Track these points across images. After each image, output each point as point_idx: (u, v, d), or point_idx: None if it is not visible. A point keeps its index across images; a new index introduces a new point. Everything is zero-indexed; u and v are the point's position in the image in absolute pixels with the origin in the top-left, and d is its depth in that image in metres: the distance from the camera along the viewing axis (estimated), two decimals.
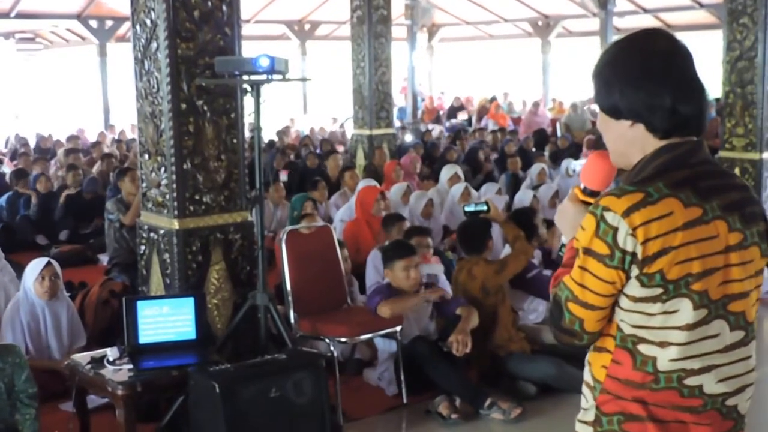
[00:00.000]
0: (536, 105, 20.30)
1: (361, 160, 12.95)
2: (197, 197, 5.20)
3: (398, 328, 5.37)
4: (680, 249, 1.94)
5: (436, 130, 19.00)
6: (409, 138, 17.18)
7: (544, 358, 5.54)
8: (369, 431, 5.26)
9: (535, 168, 11.18)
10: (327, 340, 5.27)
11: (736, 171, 8.86)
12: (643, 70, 2.04)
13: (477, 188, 10.10)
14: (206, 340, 4.93)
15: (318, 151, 15.10)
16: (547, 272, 6.26)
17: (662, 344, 1.99)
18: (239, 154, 5.37)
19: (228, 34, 5.28)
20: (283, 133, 17.71)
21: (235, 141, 5.33)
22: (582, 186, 2.24)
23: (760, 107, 8.63)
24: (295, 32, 23.63)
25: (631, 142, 2.08)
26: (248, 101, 5.05)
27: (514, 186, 11.72)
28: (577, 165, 11.50)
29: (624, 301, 2.01)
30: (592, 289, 2.01)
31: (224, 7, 5.24)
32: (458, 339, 5.25)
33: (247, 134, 6.68)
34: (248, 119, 5.27)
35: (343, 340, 5.32)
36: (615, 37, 18.24)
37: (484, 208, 5.63)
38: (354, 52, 13.00)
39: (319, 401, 4.50)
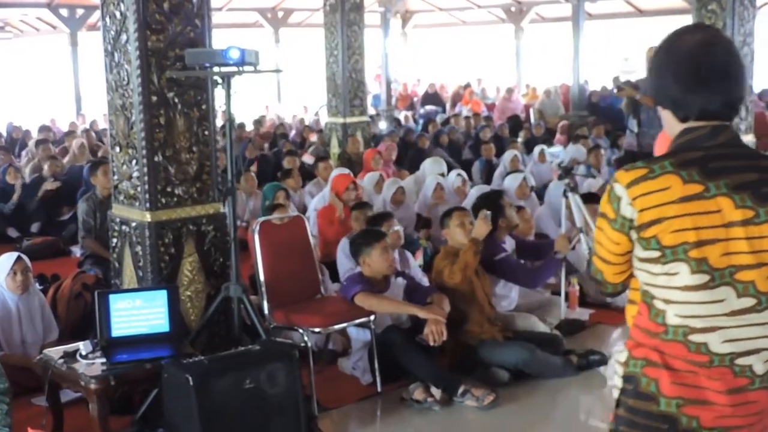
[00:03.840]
0: (510, 91, 20.33)
1: (335, 148, 12.96)
2: (169, 189, 5.20)
3: (372, 318, 5.39)
4: (674, 219, 2.21)
5: (402, 116, 19.00)
6: (383, 125, 17.20)
7: (517, 344, 5.58)
8: (344, 420, 5.29)
9: (508, 154, 11.21)
10: (301, 331, 5.28)
11: None
12: (663, 63, 2.34)
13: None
14: (180, 333, 4.94)
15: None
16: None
17: (667, 301, 2.27)
18: (211, 146, 5.37)
19: (198, 26, 5.27)
20: (259, 122, 17.66)
21: (206, 133, 5.33)
22: None
23: None
24: (268, 20, 23.53)
25: (666, 123, 2.40)
26: (219, 93, 5.04)
27: (488, 172, 11.77)
28: (554, 151, 11.55)
29: (634, 261, 2.33)
30: (605, 246, 2.37)
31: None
32: (433, 330, 5.28)
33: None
34: (220, 111, 5.26)
35: (317, 330, 5.33)
36: (586, 23, 18.46)
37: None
38: (327, 39, 13.00)
39: (294, 392, 4.52)
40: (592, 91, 19.04)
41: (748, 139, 9.06)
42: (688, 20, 9.19)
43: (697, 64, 2.27)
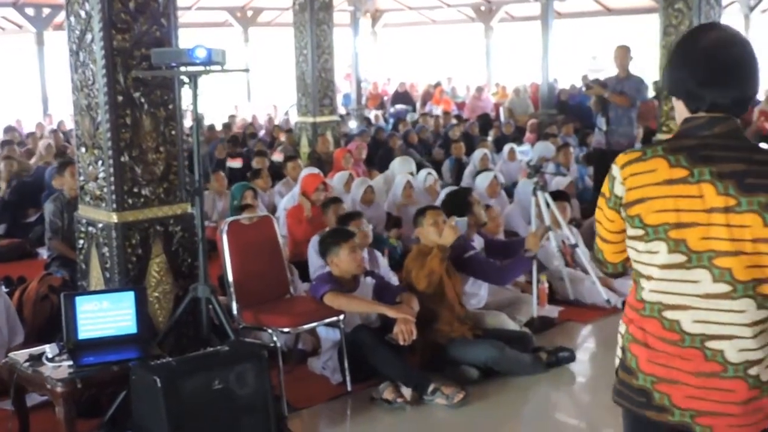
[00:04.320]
0: (480, 90, 20.41)
1: (305, 148, 12.94)
2: (136, 190, 5.16)
3: (341, 317, 5.38)
4: (657, 200, 2.38)
5: (372, 115, 19.00)
6: (353, 124, 17.19)
7: (486, 342, 5.59)
8: (314, 420, 5.28)
9: (478, 153, 11.24)
10: (270, 331, 5.26)
11: None
12: (678, 58, 2.48)
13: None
14: (147, 334, 4.90)
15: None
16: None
17: (648, 277, 2.45)
18: (178, 145, 5.33)
19: (164, 25, 5.23)
20: (230, 122, 17.61)
21: (173, 133, 5.30)
22: None
23: None
24: (238, 19, 23.45)
25: (678, 113, 2.54)
26: (187, 92, 5.01)
27: (458, 171, 11.79)
28: (523, 149, 11.56)
29: (627, 239, 2.50)
30: (603, 224, 2.57)
31: None
32: (402, 329, 5.28)
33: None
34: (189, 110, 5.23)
35: (286, 330, 5.31)
36: (555, 21, 18.54)
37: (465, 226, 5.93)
38: (296, 39, 12.97)
39: (263, 392, 4.50)
40: (561, 90, 19.13)
41: None
42: (655, 19, 9.22)
43: (712, 61, 2.40)
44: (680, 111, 2.51)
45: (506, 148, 11.75)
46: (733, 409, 2.40)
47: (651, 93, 12.03)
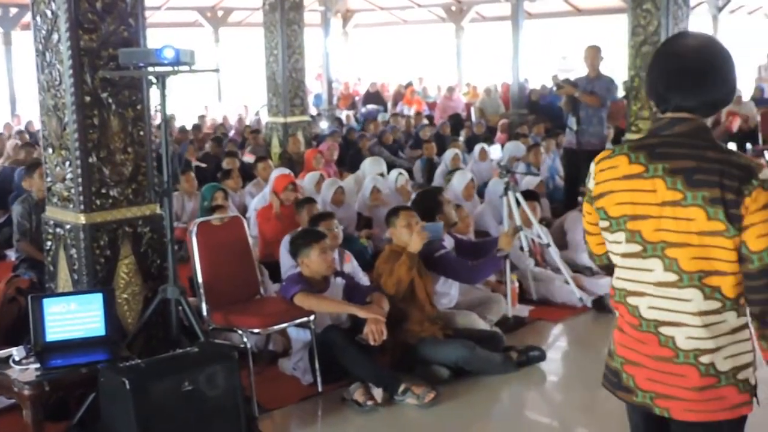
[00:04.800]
0: (451, 90, 20.44)
1: (276, 148, 12.91)
2: (104, 191, 5.12)
3: (312, 318, 5.37)
4: (617, 193, 2.58)
5: (344, 115, 18.99)
6: (324, 125, 17.17)
7: (456, 341, 5.60)
8: (285, 421, 5.27)
9: (449, 153, 11.26)
10: (240, 332, 5.24)
11: None
12: (652, 64, 2.65)
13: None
14: (116, 336, 4.86)
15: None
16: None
17: (616, 267, 2.65)
18: (146, 146, 5.30)
19: (132, 25, 5.20)
20: (200, 123, 17.53)
21: (141, 133, 5.26)
22: None
23: None
24: (208, 19, 23.34)
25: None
26: (155, 93, 4.98)
27: (429, 171, 11.81)
28: (494, 150, 11.56)
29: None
30: (585, 218, 2.77)
31: None
32: (373, 329, 5.28)
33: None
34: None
35: (256, 330, 5.30)
36: (525, 22, 18.61)
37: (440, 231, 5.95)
38: (267, 39, 12.94)
39: (233, 393, 4.48)
40: (532, 90, 19.21)
41: None
42: (624, 19, 9.28)
43: (677, 66, 2.56)
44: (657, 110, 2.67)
45: (477, 147, 11.76)
46: (686, 394, 2.54)
47: (621, 93, 12.11)
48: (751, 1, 23.57)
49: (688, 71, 2.55)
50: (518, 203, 6.99)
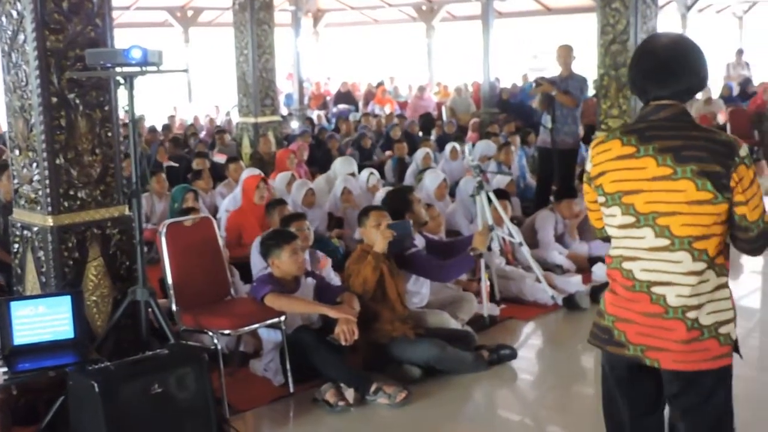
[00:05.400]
0: (422, 89, 20.46)
1: (247, 149, 12.88)
2: (72, 192, 5.09)
3: (282, 318, 5.35)
4: (613, 172, 2.92)
5: (315, 115, 18.97)
6: (295, 125, 17.13)
7: (427, 341, 5.60)
8: (256, 422, 5.25)
9: (420, 152, 11.27)
10: (210, 333, 5.22)
11: None
12: (634, 59, 3.00)
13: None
14: (85, 339, 4.84)
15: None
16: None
17: (612, 237, 3.01)
18: (115, 147, 5.27)
19: (99, 26, 5.17)
20: (170, 123, 17.45)
21: (110, 134, 5.24)
22: None
23: None
24: (178, 19, 23.22)
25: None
26: (123, 93, 4.95)
27: (400, 171, 11.81)
28: (467, 149, 11.50)
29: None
30: (585, 197, 3.13)
31: None
32: (344, 329, 5.27)
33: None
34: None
35: (227, 332, 5.27)
36: (496, 21, 18.66)
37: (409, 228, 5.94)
38: (237, 39, 12.91)
39: (203, 395, 4.48)
40: (503, 89, 19.26)
41: None
42: (594, 18, 9.32)
43: (651, 61, 2.93)
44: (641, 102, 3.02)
45: (448, 147, 11.77)
46: (674, 346, 2.89)
47: (592, 91, 12.17)
48: (719, 0, 23.79)
49: (661, 65, 2.91)
50: (490, 201, 7.01)
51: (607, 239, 3.11)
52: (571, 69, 9.42)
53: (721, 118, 14.52)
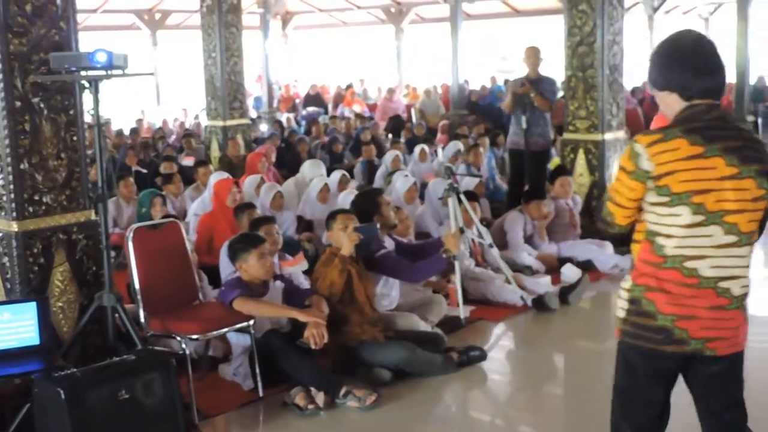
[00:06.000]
0: (391, 91, 20.46)
1: (215, 152, 12.83)
2: (36, 197, 5.05)
3: (251, 322, 5.33)
4: (682, 172, 2.94)
5: (284, 118, 18.91)
6: (263, 127, 17.09)
7: (396, 343, 5.59)
8: (226, 427, 5.22)
9: (389, 155, 11.26)
10: (178, 338, 5.18)
11: (580, 152, 9.16)
12: (673, 55, 3.06)
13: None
14: (51, 345, 4.80)
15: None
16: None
17: (668, 236, 3.01)
18: (80, 152, 5.23)
19: (63, 29, 5.13)
20: (137, 127, 17.34)
21: (75, 139, 5.20)
22: None
23: (601, 90, 8.94)
24: (145, 22, 23.07)
25: (669, 104, 3.11)
26: (88, 97, 4.90)
27: (369, 173, 11.80)
28: (438, 151, 11.48)
29: (645, 206, 3.06)
30: (621, 193, 3.09)
31: (58, 1, 5.09)
32: (313, 333, 5.25)
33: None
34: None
35: (195, 336, 5.23)
36: (464, 23, 18.71)
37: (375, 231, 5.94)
38: (205, 42, 12.86)
39: (172, 400, 4.45)
40: (472, 90, 19.31)
41: (620, 135, 9.33)
42: (561, 20, 9.35)
43: (699, 56, 3.02)
44: (673, 102, 3.07)
45: (417, 149, 11.77)
46: (730, 333, 3.08)
47: (561, 93, 12.23)
48: (685, 1, 24.00)
49: (707, 58, 3.03)
50: (460, 202, 7.02)
51: (619, 237, 3.23)
52: (539, 71, 9.46)
53: None
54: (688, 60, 3.03)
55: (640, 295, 3.09)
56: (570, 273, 7.78)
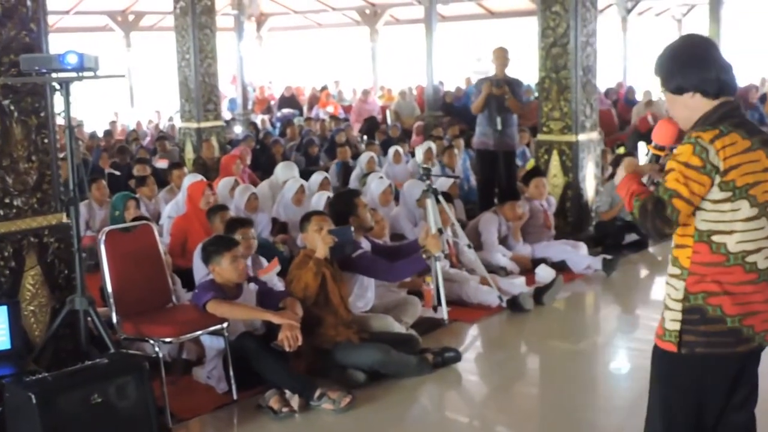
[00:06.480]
0: (366, 93, 20.46)
1: (190, 154, 12.79)
2: (7, 200, 5.01)
3: (225, 325, 5.31)
4: (742, 166, 2.98)
5: (259, 119, 18.88)
6: (238, 129, 17.04)
7: (371, 345, 5.59)
8: (200, 430, 5.20)
9: (364, 157, 11.26)
10: (152, 341, 5.15)
11: (554, 153, 9.21)
12: (694, 57, 3.11)
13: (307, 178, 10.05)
14: (22, 350, 4.77)
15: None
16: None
17: (731, 232, 3.01)
18: (51, 154, 5.20)
19: (34, 31, 5.10)
20: (111, 129, 17.25)
21: (46, 141, 5.16)
22: (654, 143, 3.34)
23: (574, 92, 8.99)
24: (119, 23, 22.95)
25: (693, 108, 3.11)
26: (59, 99, 4.87)
27: (344, 175, 11.80)
28: (418, 152, 11.47)
29: (706, 205, 3.01)
30: (692, 188, 2.98)
31: (29, 3, 5.06)
32: (287, 335, 5.24)
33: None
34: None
35: (168, 339, 5.21)
36: (439, 24, 18.75)
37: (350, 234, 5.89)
38: (178, 43, 12.83)
39: (145, 404, 4.43)
40: (447, 92, 19.33)
41: (594, 136, 9.38)
42: (535, 22, 9.38)
43: (717, 54, 3.11)
44: (697, 104, 3.10)
45: (391, 150, 11.77)
46: None
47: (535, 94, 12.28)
48: (658, 3, 24.15)
49: (720, 55, 3.11)
50: (438, 201, 7.02)
51: (668, 235, 3.12)
52: (506, 72, 9.50)
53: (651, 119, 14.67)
54: (710, 59, 3.09)
55: (702, 303, 3.05)
56: (544, 274, 7.81)
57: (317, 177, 9.49)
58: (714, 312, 3.04)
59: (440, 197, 7.13)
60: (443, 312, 6.66)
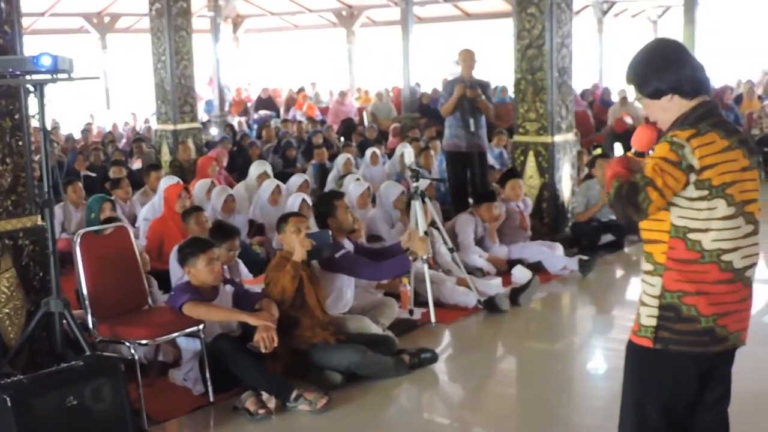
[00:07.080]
0: (343, 95, 20.47)
1: (166, 156, 12.75)
2: None
3: (201, 327, 5.30)
4: (719, 165, 3.00)
5: (236, 121, 18.85)
6: (214, 131, 17.01)
7: (347, 346, 5.60)
8: None
9: (341, 158, 11.26)
10: (128, 344, 5.14)
11: (530, 154, 9.25)
12: (667, 59, 3.13)
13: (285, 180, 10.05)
14: None
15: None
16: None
17: (706, 231, 3.02)
18: (26, 156, 5.18)
19: (8, 33, 5.10)
20: (87, 131, 17.15)
21: (20, 143, 5.16)
22: (633, 150, 3.37)
23: (550, 93, 9.02)
24: (94, 25, 22.83)
25: (670, 108, 3.14)
26: (34, 101, 4.86)
27: (321, 177, 11.80)
28: (406, 154, 11.45)
29: (682, 202, 3.03)
30: (667, 182, 3.00)
31: (2, 5, 5.04)
32: (264, 337, 5.23)
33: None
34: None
35: (144, 341, 5.20)
36: (416, 26, 18.78)
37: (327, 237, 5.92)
38: (154, 45, 12.79)
39: (120, 406, 4.42)
40: (423, 93, 19.37)
41: (570, 137, 9.43)
42: (511, 23, 9.42)
43: (689, 55, 3.15)
44: (675, 105, 3.12)
45: (368, 152, 11.78)
46: (749, 321, 3.18)
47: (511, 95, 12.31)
48: (634, 4, 24.31)
49: (693, 55, 3.17)
50: (423, 202, 7.03)
51: (635, 223, 3.18)
52: (472, 74, 9.55)
53: (629, 120, 14.77)
54: (684, 59, 3.12)
55: (677, 301, 3.08)
56: (520, 274, 7.84)
57: (297, 179, 9.50)
58: (689, 312, 3.05)
59: (426, 199, 7.14)
60: (431, 314, 6.65)
